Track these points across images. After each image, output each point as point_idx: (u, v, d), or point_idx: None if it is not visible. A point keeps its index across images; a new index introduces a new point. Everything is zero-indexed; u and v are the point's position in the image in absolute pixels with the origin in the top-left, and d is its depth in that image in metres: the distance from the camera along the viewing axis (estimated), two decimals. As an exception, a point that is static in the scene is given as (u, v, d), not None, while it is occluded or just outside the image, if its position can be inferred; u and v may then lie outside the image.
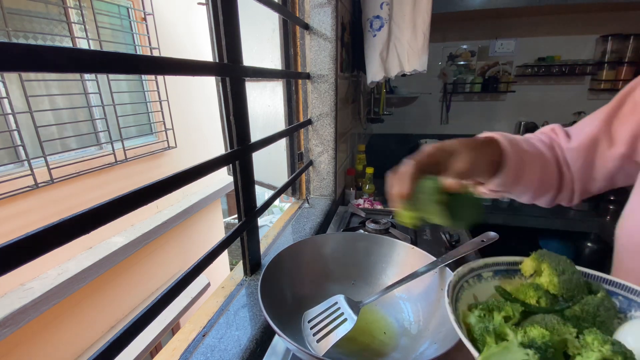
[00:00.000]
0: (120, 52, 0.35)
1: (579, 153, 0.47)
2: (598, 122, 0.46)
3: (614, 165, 0.45)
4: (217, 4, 0.51)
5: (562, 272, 0.33)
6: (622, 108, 0.44)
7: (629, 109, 0.43)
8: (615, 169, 0.46)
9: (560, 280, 0.33)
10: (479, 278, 0.37)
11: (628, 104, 0.44)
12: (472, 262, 0.38)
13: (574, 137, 0.49)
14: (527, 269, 0.37)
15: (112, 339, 0.35)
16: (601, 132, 0.45)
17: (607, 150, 0.45)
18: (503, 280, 0.38)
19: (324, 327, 0.46)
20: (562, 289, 0.33)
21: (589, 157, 0.47)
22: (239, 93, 0.58)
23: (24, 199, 1.67)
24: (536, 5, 1.76)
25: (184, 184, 0.45)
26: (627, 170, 0.45)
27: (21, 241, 0.25)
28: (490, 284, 0.37)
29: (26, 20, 1.78)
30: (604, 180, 0.48)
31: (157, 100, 2.59)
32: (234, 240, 0.61)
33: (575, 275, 0.33)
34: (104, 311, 2.22)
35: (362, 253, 0.60)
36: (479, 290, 0.37)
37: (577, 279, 0.33)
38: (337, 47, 1.03)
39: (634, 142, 0.43)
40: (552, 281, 0.33)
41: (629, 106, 0.43)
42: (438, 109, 2.48)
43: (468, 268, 0.37)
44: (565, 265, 0.34)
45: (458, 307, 0.33)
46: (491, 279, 0.38)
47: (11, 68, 0.25)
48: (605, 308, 0.31)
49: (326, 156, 1.12)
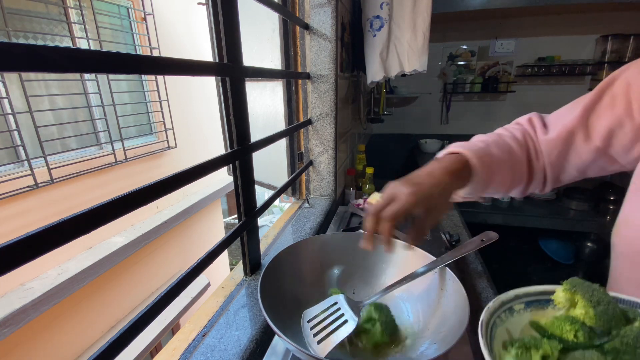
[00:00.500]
0: (120, 52, 0.35)
1: (555, 144, 0.48)
2: (576, 114, 0.46)
3: (589, 157, 0.46)
4: (217, 4, 0.51)
5: (598, 303, 0.32)
6: (600, 102, 0.44)
7: (607, 103, 0.43)
8: (589, 162, 0.46)
9: (596, 312, 0.32)
10: (510, 311, 0.36)
11: (606, 97, 0.43)
12: (502, 294, 0.36)
13: (551, 128, 0.49)
14: (561, 300, 0.35)
15: (112, 339, 0.35)
16: (578, 125, 0.45)
17: (583, 143, 0.45)
18: (535, 312, 0.36)
19: (324, 328, 0.46)
20: (599, 320, 0.31)
21: (565, 149, 0.47)
22: (239, 93, 0.58)
23: (24, 199, 1.67)
24: (536, 5, 1.76)
25: (184, 184, 0.45)
26: (600, 164, 0.46)
27: (21, 241, 0.25)
28: (522, 317, 0.35)
29: (26, 20, 1.78)
30: (576, 171, 0.48)
31: (157, 100, 2.59)
32: (234, 240, 0.61)
33: (611, 305, 0.32)
34: (104, 311, 2.22)
35: (362, 253, 0.60)
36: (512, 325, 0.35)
37: (613, 309, 0.32)
38: (337, 47, 1.03)
39: (610, 136, 0.43)
40: (588, 313, 0.32)
41: (606, 100, 0.43)
42: (438, 109, 2.49)
43: (499, 302, 0.35)
44: (600, 295, 0.33)
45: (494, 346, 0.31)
46: (523, 311, 0.36)
47: (11, 68, 0.25)
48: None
49: (326, 156, 1.12)
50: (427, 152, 2.38)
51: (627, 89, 0.41)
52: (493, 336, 0.32)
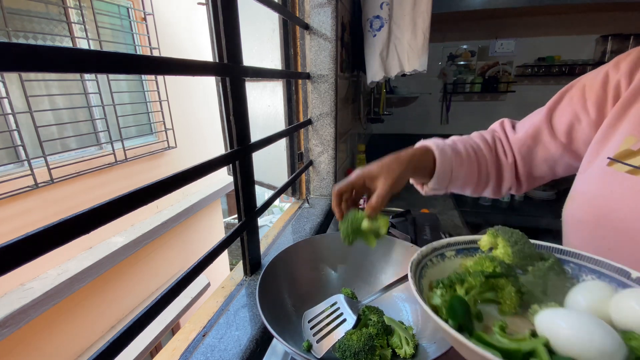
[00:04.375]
0: (121, 52, 0.35)
1: (524, 141, 0.54)
2: (541, 114, 0.52)
3: (556, 152, 0.51)
4: (217, 4, 0.51)
5: (515, 243, 0.36)
6: (561, 102, 0.51)
7: (566, 102, 0.50)
8: (557, 157, 0.51)
9: (513, 250, 0.36)
10: (442, 257, 0.40)
11: (566, 98, 0.50)
12: (435, 242, 0.40)
13: (519, 128, 0.56)
14: (485, 245, 0.39)
15: (112, 339, 0.35)
16: (543, 123, 0.51)
17: (549, 138, 0.51)
18: (465, 258, 0.40)
19: (323, 327, 0.46)
20: (516, 257, 0.35)
21: (533, 143, 0.53)
22: (239, 93, 0.58)
23: (24, 199, 1.67)
24: (536, 5, 1.76)
25: (184, 184, 0.45)
26: (567, 160, 0.51)
27: (21, 241, 0.25)
28: (453, 262, 0.39)
29: (26, 20, 1.78)
30: (547, 167, 0.53)
31: (157, 100, 2.59)
32: (234, 240, 0.61)
33: (527, 245, 0.36)
34: (104, 311, 2.23)
35: (362, 253, 0.60)
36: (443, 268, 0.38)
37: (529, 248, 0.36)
38: (337, 47, 1.03)
39: (570, 130, 0.49)
40: (507, 252, 0.36)
41: (566, 100, 0.50)
42: (438, 109, 2.48)
43: (431, 247, 0.39)
44: (518, 236, 0.37)
45: (422, 283, 0.35)
46: (454, 257, 0.40)
47: (11, 68, 0.25)
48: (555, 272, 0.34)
49: (326, 156, 1.12)
50: (427, 152, 2.38)
51: (582, 89, 0.48)
52: (422, 275, 0.36)
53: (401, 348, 0.44)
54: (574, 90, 0.49)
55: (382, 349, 0.44)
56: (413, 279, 0.33)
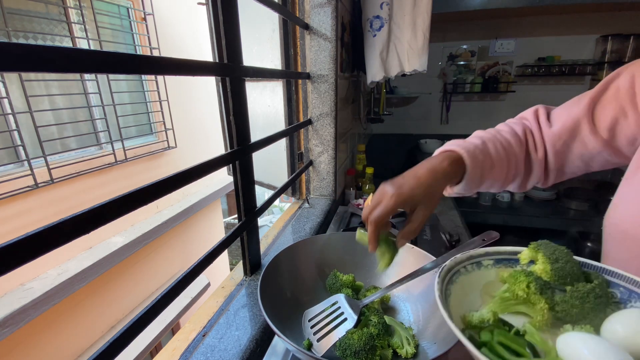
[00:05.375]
0: (121, 52, 0.35)
1: (560, 135, 0.48)
2: (582, 105, 0.46)
3: (594, 148, 0.46)
4: (217, 4, 0.51)
5: (556, 260, 0.34)
6: (605, 92, 0.45)
7: (612, 93, 0.44)
8: (595, 153, 0.46)
9: (553, 267, 0.34)
10: (478, 265, 0.39)
11: (611, 89, 0.44)
12: (472, 250, 0.39)
13: (556, 119, 0.50)
14: (525, 258, 0.37)
15: (112, 339, 0.35)
16: (584, 115, 0.46)
17: (589, 133, 0.46)
18: (503, 269, 0.39)
19: (324, 327, 0.46)
20: (555, 276, 0.33)
21: (570, 138, 0.48)
22: (239, 93, 0.58)
23: (24, 199, 1.67)
24: (536, 5, 1.76)
25: (184, 184, 0.45)
26: (605, 155, 0.46)
27: (21, 241, 0.25)
28: (490, 272, 0.38)
29: (26, 20, 1.78)
30: (581, 161, 0.49)
31: (157, 100, 2.59)
32: (234, 240, 0.61)
33: (569, 264, 0.34)
34: (104, 311, 2.22)
35: (362, 253, 0.60)
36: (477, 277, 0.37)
37: (571, 267, 0.34)
38: (337, 47, 1.03)
39: (614, 126, 0.43)
40: (545, 269, 0.34)
41: (612, 91, 0.44)
42: (438, 109, 2.48)
43: (467, 255, 0.38)
44: (561, 254, 0.35)
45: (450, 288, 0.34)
46: (491, 267, 0.39)
47: (11, 68, 0.25)
48: (596, 295, 0.31)
49: (326, 156, 1.12)
50: (427, 152, 2.38)
51: (631, 81, 0.42)
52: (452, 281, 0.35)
53: (402, 348, 0.44)
54: (622, 80, 0.43)
55: (382, 350, 0.44)
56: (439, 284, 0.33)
